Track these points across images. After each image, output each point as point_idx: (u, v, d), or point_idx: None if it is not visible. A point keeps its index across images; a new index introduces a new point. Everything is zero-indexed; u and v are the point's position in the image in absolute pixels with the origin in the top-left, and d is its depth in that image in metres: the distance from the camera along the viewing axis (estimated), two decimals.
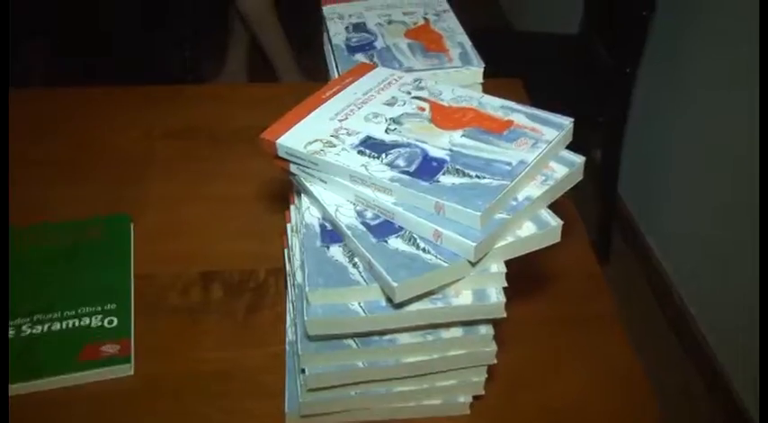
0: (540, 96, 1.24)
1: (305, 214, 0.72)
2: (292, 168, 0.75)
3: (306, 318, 0.64)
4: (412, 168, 0.69)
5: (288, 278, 0.83)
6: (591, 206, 2.19)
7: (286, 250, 0.85)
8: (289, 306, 0.81)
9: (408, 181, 0.67)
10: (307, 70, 2.92)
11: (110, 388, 0.79)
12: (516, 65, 1.53)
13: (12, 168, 1.10)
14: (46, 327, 0.84)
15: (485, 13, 3.58)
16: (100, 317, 0.84)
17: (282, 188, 0.98)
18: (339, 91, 0.82)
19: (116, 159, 1.13)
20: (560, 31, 2.39)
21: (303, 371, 0.68)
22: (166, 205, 1.02)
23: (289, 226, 0.81)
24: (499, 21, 3.58)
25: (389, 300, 0.64)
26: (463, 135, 0.73)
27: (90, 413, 0.77)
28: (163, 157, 1.12)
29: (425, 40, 0.94)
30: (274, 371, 0.78)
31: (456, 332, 0.68)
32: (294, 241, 0.77)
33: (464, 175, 0.68)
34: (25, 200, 1.04)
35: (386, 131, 0.74)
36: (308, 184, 0.74)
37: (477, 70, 0.87)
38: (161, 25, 2.60)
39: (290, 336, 0.78)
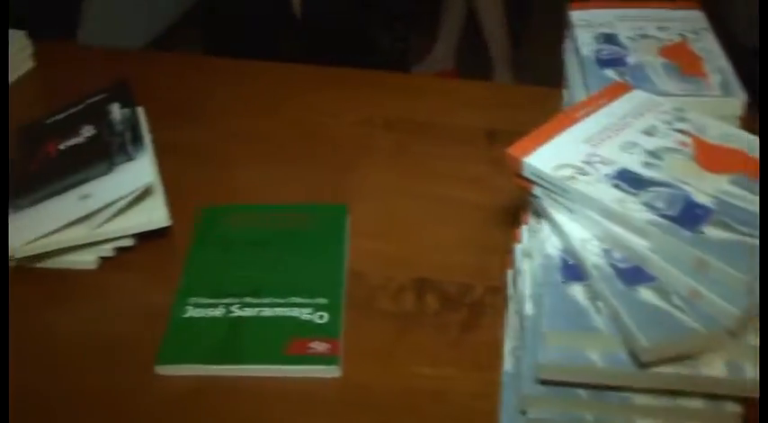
0: None
1: (546, 243, 0.69)
2: (536, 191, 0.72)
3: (540, 360, 0.61)
4: (673, 213, 0.65)
5: (510, 302, 0.80)
6: None
7: (510, 272, 0.82)
8: (507, 331, 0.79)
9: (668, 227, 0.63)
10: (516, 65, 2.87)
11: (311, 388, 0.78)
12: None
13: (230, 143, 1.13)
14: (256, 311, 0.84)
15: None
16: (310, 310, 0.84)
17: (507, 201, 0.95)
18: (592, 112, 0.78)
19: (333, 144, 1.13)
20: None
21: (524, 412, 0.65)
22: (382, 201, 1.01)
23: (519, 247, 0.78)
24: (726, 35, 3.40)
25: (632, 355, 0.60)
26: (731, 181, 0.68)
27: (288, 410, 0.77)
28: (381, 149, 1.11)
29: (682, 62, 0.89)
30: (489, 400, 0.75)
31: (698, 403, 0.63)
32: (525, 266, 0.74)
33: (732, 229, 0.63)
34: (242, 177, 1.07)
35: (643, 165, 0.70)
36: (552, 211, 0.70)
37: (738, 102, 0.82)
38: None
39: (508, 365, 0.75)
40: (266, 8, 2.46)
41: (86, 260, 0.93)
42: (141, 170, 0.92)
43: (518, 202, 0.84)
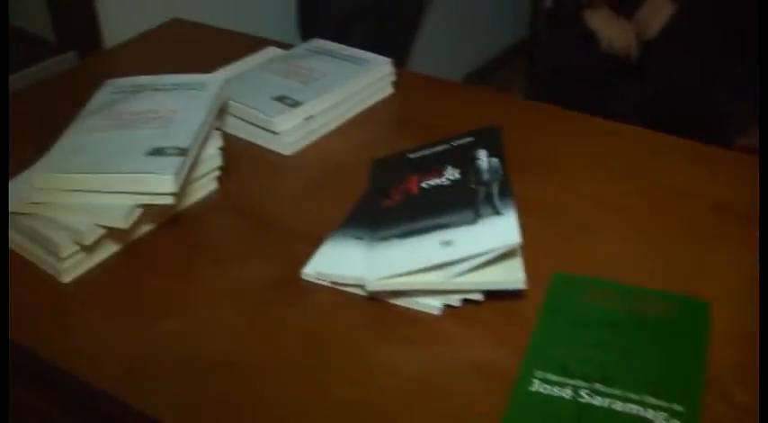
0: None
1: None
2: None
3: None
4: None
5: None
6: None
7: None
8: None
9: None
10: None
11: None
12: None
13: (584, 205, 1.11)
14: (606, 402, 0.80)
15: None
16: (665, 415, 0.79)
17: None
18: None
19: (687, 227, 1.07)
20: None
21: None
22: (741, 304, 0.93)
23: None
24: None
25: None
26: None
27: None
28: (738, 242, 1.03)
29: None
30: None
31: None
32: None
33: None
34: (595, 244, 1.04)
35: None
36: None
37: None
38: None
39: None
40: (598, 56, 2.42)
41: (432, 305, 0.93)
42: (508, 228, 0.91)
43: None
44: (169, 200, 0.96)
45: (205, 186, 1.13)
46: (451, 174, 1.02)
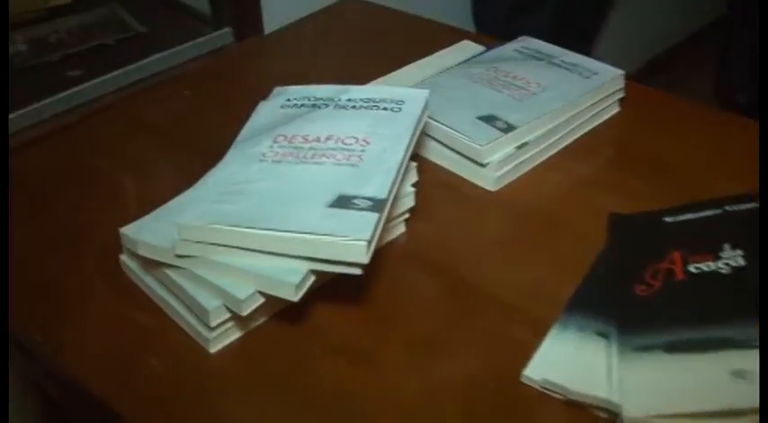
0: None
1: None
2: None
3: None
4: None
5: None
6: None
7: None
8: None
9: None
10: None
11: None
12: None
13: None
14: None
15: None
16: None
17: None
18: None
19: None
20: None
21: None
22: None
23: None
24: None
25: None
26: None
27: None
28: None
29: None
30: None
31: None
32: None
33: None
34: None
35: None
36: None
37: None
38: None
39: None
40: None
41: None
42: None
43: None
44: (357, 270, 0.72)
45: (390, 231, 0.89)
46: (731, 257, 0.75)
